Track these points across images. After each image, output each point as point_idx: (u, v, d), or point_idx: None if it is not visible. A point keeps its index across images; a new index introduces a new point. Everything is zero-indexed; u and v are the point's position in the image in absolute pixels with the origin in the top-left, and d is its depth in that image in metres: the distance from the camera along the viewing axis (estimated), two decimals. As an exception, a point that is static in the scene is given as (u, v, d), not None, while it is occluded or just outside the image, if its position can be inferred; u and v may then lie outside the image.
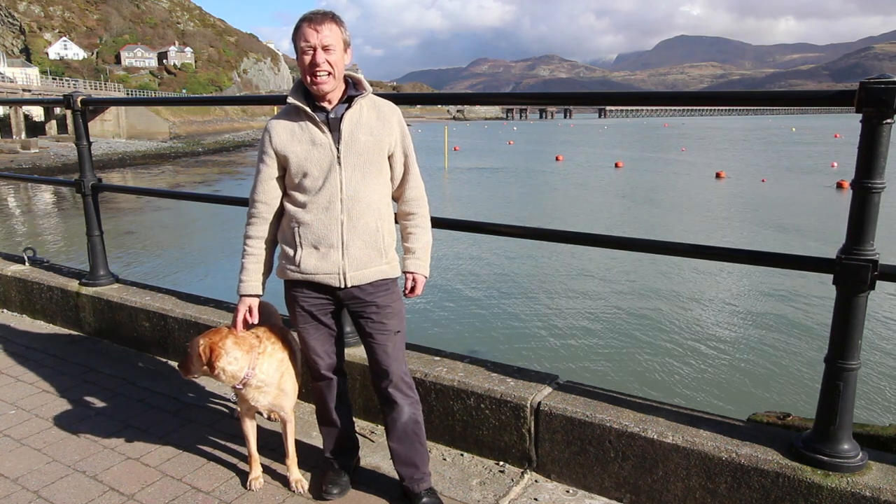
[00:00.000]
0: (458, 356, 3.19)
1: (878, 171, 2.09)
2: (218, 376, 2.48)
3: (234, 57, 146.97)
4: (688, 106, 4.19)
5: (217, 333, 2.51)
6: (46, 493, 2.67)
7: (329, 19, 2.27)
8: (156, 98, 6.12)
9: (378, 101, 2.45)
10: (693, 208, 22.55)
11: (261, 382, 2.53)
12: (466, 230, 3.39)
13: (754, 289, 12.28)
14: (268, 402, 2.59)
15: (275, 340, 2.62)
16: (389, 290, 2.46)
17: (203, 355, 2.46)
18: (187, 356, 2.56)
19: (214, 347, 2.45)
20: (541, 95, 3.22)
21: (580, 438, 2.63)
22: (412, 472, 2.53)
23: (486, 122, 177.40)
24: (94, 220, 4.52)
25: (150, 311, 4.10)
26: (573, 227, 18.09)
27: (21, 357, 4.15)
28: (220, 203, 4.41)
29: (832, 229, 17.41)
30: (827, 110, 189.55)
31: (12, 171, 30.00)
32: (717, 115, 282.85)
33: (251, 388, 2.52)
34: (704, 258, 2.65)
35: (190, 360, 2.54)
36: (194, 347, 2.51)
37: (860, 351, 2.21)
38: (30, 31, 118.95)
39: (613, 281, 12.83)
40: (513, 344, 9.38)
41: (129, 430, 3.18)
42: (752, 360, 8.79)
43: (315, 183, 2.33)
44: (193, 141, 64.64)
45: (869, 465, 2.21)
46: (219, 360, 2.44)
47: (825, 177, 31.39)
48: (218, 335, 2.49)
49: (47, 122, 60.44)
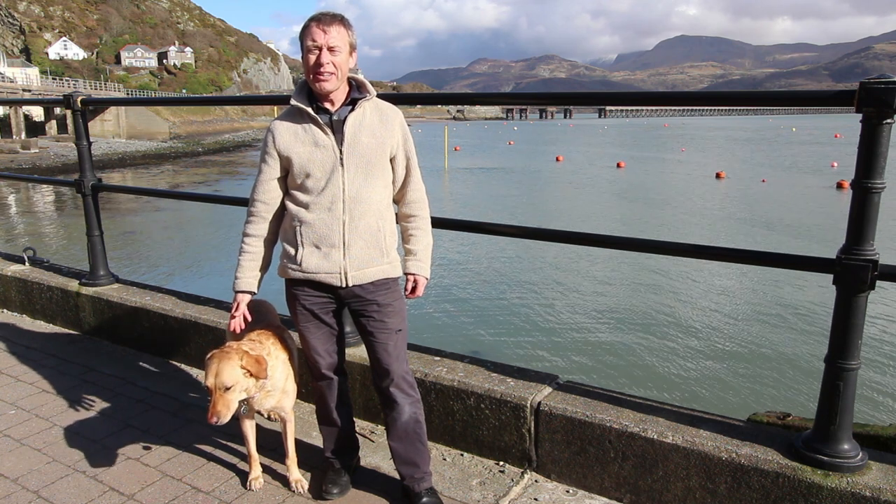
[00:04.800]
0: (458, 356, 3.19)
1: (878, 171, 2.09)
2: (263, 387, 2.46)
3: (234, 57, 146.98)
4: (688, 106, 4.18)
5: (233, 352, 2.40)
6: (46, 493, 2.67)
7: (338, 22, 2.29)
8: (156, 98, 6.12)
9: (381, 105, 2.46)
10: (693, 208, 22.56)
11: (272, 387, 2.53)
12: (466, 230, 3.38)
13: (754, 289, 12.28)
14: (272, 405, 2.58)
15: (275, 342, 2.62)
16: (391, 289, 2.47)
17: (254, 368, 2.37)
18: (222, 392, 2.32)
19: (261, 360, 2.43)
20: (541, 95, 3.22)
21: (580, 438, 2.63)
22: (413, 472, 2.53)
23: (486, 122, 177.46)
24: (94, 220, 4.52)
25: (150, 311, 4.10)
26: (573, 227, 18.10)
27: (21, 357, 4.15)
28: (220, 203, 4.41)
29: (832, 229, 17.41)
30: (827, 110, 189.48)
31: (12, 171, 30.00)
32: (717, 115, 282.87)
33: (263, 392, 2.51)
34: (704, 258, 2.65)
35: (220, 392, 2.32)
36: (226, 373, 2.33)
37: (860, 351, 2.20)
38: (30, 31, 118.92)
39: (613, 281, 12.84)
40: (513, 344, 9.38)
41: (129, 430, 3.18)
42: (752, 360, 8.79)
43: (318, 184, 2.34)
44: (193, 141, 64.66)
45: (869, 465, 2.21)
46: (266, 370, 2.42)
47: (825, 177, 31.40)
48: (235, 352, 2.40)
49: (47, 122, 60.45)
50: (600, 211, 22.56)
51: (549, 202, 24.91)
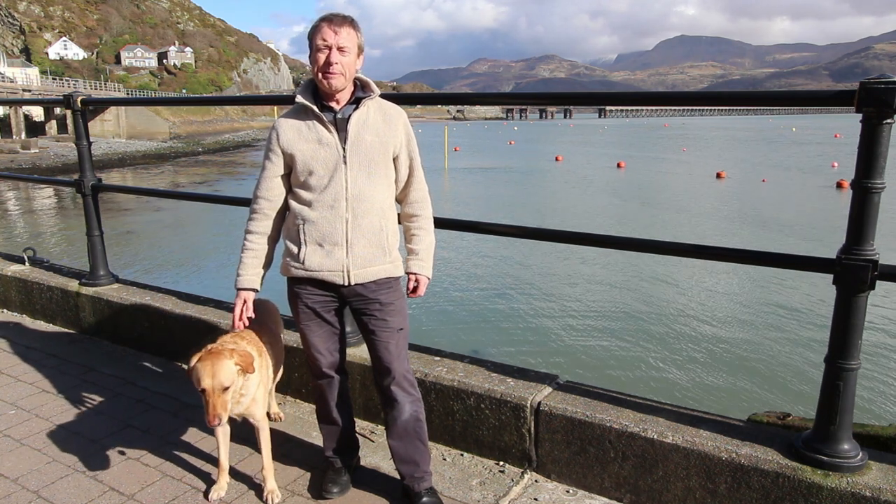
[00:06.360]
0: (458, 356, 3.19)
1: (878, 171, 2.09)
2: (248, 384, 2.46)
3: (234, 57, 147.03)
4: (688, 106, 4.18)
5: (223, 351, 2.41)
6: (46, 493, 2.67)
7: (348, 23, 2.31)
8: (156, 98, 6.12)
9: (385, 105, 2.47)
10: (693, 208, 22.55)
11: (245, 390, 2.49)
12: (466, 230, 3.38)
13: (754, 289, 12.28)
14: (240, 411, 2.53)
15: (249, 342, 2.60)
16: (393, 287, 2.47)
17: (244, 364, 2.38)
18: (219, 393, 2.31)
19: (247, 355, 2.43)
20: (541, 95, 3.22)
21: (580, 438, 2.63)
22: (413, 471, 2.53)
23: (486, 122, 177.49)
24: (94, 220, 4.52)
25: (150, 311, 4.10)
26: (574, 226, 18.09)
27: (21, 357, 4.14)
28: (220, 203, 4.42)
29: (832, 229, 17.41)
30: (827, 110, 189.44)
31: (12, 171, 30.02)
32: (717, 115, 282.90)
33: (236, 395, 2.44)
34: (704, 258, 2.65)
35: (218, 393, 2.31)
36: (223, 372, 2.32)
37: (860, 351, 2.21)
38: (30, 31, 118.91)
39: (613, 281, 12.84)
40: (513, 344, 9.38)
41: (129, 430, 3.18)
42: (752, 360, 8.79)
43: (321, 181, 2.34)
44: (193, 141, 64.70)
45: (869, 465, 2.21)
46: (253, 364, 2.43)
47: (825, 177, 31.39)
48: (225, 351, 2.40)
49: (47, 122, 60.47)
50: (600, 211, 22.56)
51: (549, 202, 24.91)
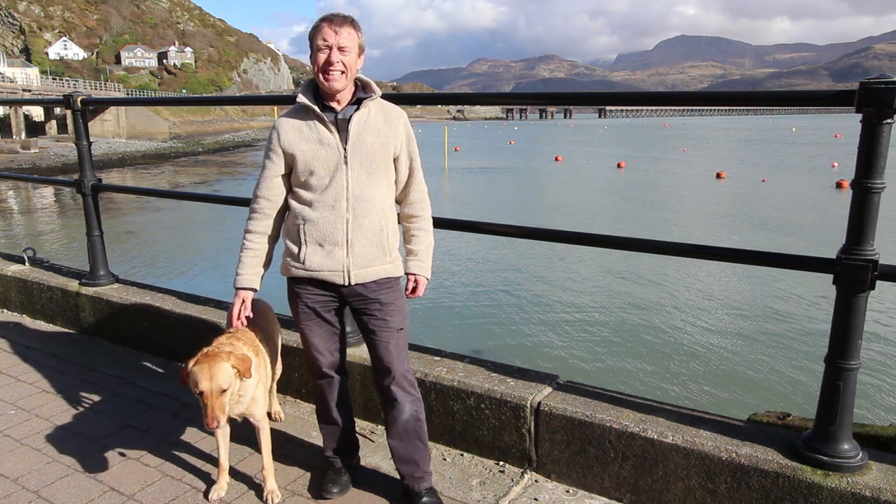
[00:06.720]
0: (458, 356, 3.19)
1: (878, 171, 2.09)
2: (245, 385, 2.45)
3: (234, 57, 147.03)
4: (688, 106, 4.18)
5: (220, 353, 2.40)
6: (46, 493, 2.67)
7: (349, 23, 2.31)
8: (156, 98, 6.12)
9: (386, 106, 2.48)
10: (693, 208, 22.56)
11: (244, 391, 2.49)
12: (466, 230, 3.38)
13: (754, 289, 12.28)
14: (240, 411, 2.53)
15: (246, 343, 2.59)
16: (393, 287, 2.47)
17: (241, 367, 2.37)
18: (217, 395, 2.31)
19: (245, 358, 2.42)
20: (541, 95, 3.22)
21: (580, 438, 2.63)
22: (413, 471, 2.53)
23: (486, 122, 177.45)
24: (94, 220, 4.52)
25: (150, 311, 4.10)
26: (574, 226, 18.09)
27: (21, 357, 4.14)
28: (220, 203, 4.42)
29: (832, 229, 17.40)
30: (827, 110, 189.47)
31: (12, 171, 30.01)
32: (717, 115, 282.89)
33: (235, 397, 2.45)
34: (704, 258, 2.65)
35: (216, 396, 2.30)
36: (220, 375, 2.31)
37: (860, 351, 2.20)
38: (30, 31, 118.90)
39: (613, 281, 12.84)
40: (513, 344, 9.38)
41: (129, 430, 3.18)
42: (752, 360, 8.79)
43: (321, 181, 2.34)
44: (193, 141, 64.71)
45: (869, 465, 2.21)
46: (251, 368, 2.42)
47: (825, 177, 31.40)
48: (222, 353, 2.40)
49: (47, 122, 60.47)
50: (600, 211, 22.55)
51: (549, 202, 24.91)
